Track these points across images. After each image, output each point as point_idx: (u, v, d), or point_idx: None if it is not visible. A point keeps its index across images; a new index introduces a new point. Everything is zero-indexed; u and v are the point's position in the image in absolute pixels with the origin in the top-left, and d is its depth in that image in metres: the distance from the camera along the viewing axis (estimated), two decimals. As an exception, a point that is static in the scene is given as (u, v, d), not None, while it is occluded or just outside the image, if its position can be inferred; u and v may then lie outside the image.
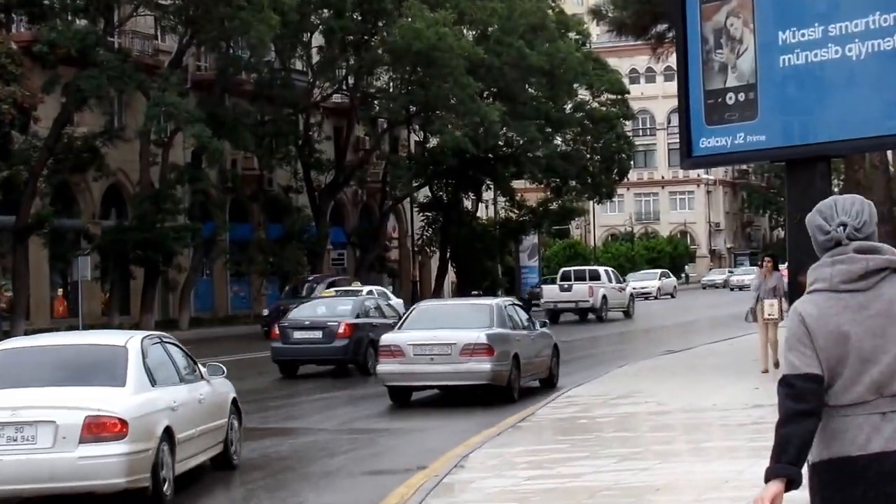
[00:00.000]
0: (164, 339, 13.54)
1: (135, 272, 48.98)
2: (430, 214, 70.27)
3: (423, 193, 69.37)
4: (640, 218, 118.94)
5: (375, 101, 61.13)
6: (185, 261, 50.79)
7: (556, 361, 23.79)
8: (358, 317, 28.12)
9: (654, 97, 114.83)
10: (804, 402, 4.49)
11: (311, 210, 58.92)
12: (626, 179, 78.84)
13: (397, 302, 43.19)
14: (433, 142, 63.62)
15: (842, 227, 4.64)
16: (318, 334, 27.64)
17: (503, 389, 20.68)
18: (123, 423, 11.28)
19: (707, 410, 17.18)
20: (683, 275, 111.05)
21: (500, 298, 25.43)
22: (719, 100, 15.74)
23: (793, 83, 14.95)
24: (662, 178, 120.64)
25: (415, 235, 71.05)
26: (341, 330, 27.40)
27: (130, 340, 12.57)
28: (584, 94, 68.07)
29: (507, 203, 73.84)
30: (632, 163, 76.31)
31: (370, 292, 41.67)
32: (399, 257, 71.97)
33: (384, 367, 20.88)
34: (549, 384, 22.95)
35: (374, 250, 63.21)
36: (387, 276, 67.66)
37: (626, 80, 79.83)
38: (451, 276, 72.75)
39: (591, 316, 52.16)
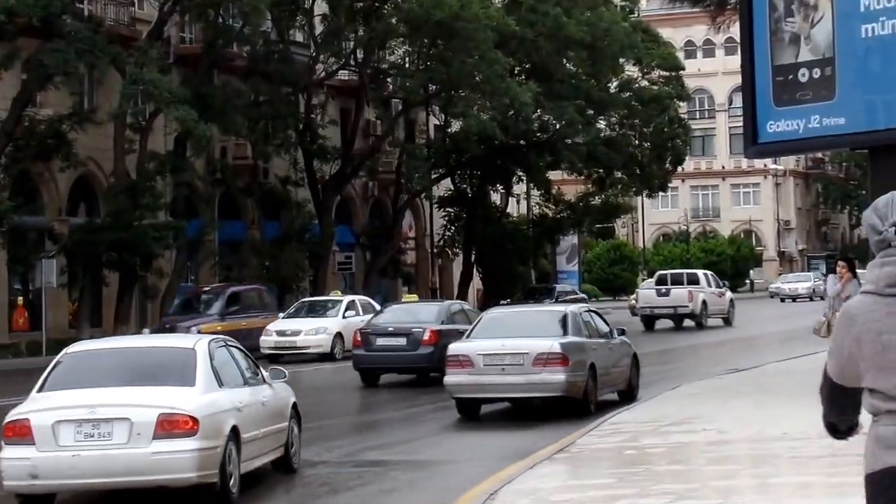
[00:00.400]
0: (229, 343, 16.06)
1: (108, 277, 49.10)
2: (451, 211, 70.28)
3: (445, 186, 69.38)
4: (697, 215, 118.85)
5: (388, 79, 61.17)
6: (166, 264, 50.88)
7: (636, 372, 25.02)
8: (443, 323, 30.18)
9: (714, 74, 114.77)
10: (829, 404, 5.40)
11: (314, 206, 58.97)
12: (680, 170, 78.81)
13: None
14: (456, 126, 63.62)
15: (894, 228, 5.00)
16: (402, 341, 29.89)
17: (579, 402, 21.85)
18: (194, 420, 13.50)
19: (776, 440, 17.13)
20: (748, 281, 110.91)
21: (575, 305, 26.73)
22: (790, 77, 15.69)
23: (877, 57, 14.89)
24: (723, 168, 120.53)
25: (434, 235, 71.05)
26: (426, 337, 29.60)
27: (198, 343, 15.13)
28: (631, 70, 68.04)
29: (541, 198, 73.87)
30: (687, 150, 76.26)
31: (352, 302, 41.47)
32: (416, 260, 72.01)
33: (452, 378, 22.09)
34: (628, 396, 24.11)
35: (386, 252, 63.25)
36: (402, 282, 67.69)
37: (680, 55, 79.80)
38: (476, 282, 72.75)
39: (687, 322, 54.52)
